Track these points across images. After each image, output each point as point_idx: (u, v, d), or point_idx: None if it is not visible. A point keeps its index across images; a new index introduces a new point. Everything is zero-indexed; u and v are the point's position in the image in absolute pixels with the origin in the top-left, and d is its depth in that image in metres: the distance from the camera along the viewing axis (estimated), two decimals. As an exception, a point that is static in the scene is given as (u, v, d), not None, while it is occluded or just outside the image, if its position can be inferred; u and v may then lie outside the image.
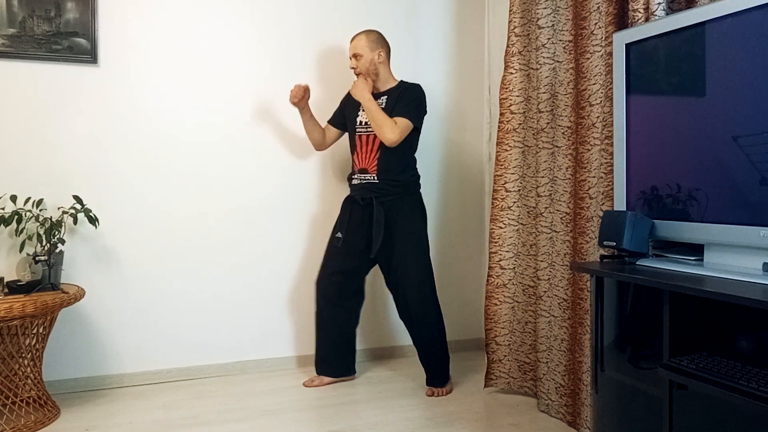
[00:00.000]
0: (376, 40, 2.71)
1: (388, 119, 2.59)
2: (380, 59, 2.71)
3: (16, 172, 2.62)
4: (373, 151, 2.69)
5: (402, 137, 2.60)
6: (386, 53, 2.73)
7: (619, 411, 1.64)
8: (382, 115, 2.60)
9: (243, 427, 2.32)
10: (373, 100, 2.63)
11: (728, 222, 1.52)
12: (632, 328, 1.60)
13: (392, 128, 2.58)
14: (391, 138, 2.58)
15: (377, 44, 2.70)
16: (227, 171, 2.95)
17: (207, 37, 2.90)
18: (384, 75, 2.73)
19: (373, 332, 3.24)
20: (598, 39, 2.18)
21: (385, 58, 2.73)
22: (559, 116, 2.39)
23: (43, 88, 2.65)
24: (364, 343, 3.21)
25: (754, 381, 1.24)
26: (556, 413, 2.40)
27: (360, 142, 2.73)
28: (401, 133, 2.60)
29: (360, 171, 2.72)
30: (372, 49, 2.69)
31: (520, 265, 2.61)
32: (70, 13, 2.65)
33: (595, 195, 2.20)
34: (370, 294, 3.18)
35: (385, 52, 2.73)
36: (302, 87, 2.73)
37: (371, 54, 2.69)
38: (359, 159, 2.73)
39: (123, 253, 2.78)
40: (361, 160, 2.72)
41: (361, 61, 2.69)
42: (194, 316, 2.90)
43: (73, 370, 2.72)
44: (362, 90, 2.65)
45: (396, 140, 2.58)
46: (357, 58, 2.70)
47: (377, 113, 2.60)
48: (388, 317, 3.25)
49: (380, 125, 2.59)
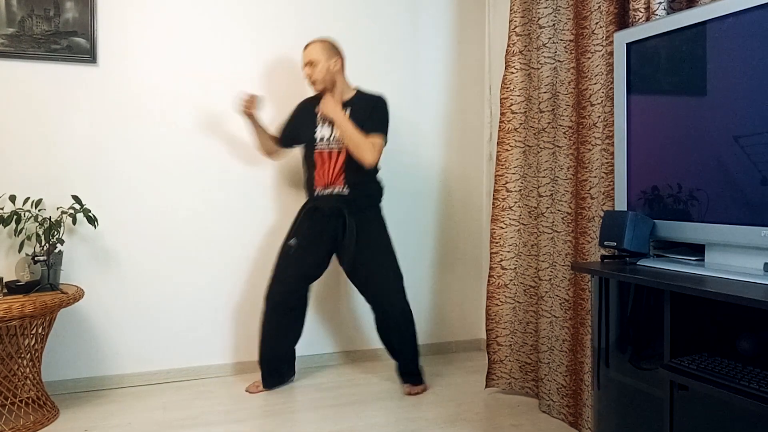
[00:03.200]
0: (331, 47, 2.63)
1: (365, 140, 2.53)
2: (336, 67, 2.62)
3: (15, 171, 2.62)
4: (336, 167, 2.62)
5: (380, 156, 2.58)
6: (342, 62, 2.66)
7: (621, 411, 1.64)
8: (359, 137, 2.53)
9: (242, 427, 2.32)
10: (347, 121, 2.55)
11: (729, 222, 1.52)
12: (633, 328, 1.60)
13: (371, 150, 2.53)
14: (370, 160, 2.53)
15: (333, 52, 2.63)
16: (227, 171, 2.94)
17: (206, 37, 2.90)
18: (341, 84, 2.66)
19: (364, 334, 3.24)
20: (599, 38, 2.17)
21: (341, 67, 2.65)
22: (560, 116, 2.38)
23: (42, 88, 2.65)
24: (358, 345, 3.21)
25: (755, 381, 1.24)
26: (558, 414, 2.40)
27: (321, 158, 2.64)
28: (379, 153, 2.56)
29: (324, 186, 2.64)
30: (328, 57, 2.61)
31: (522, 266, 2.61)
32: (69, 12, 2.65)
33: (596, 195, 2.19)
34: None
35: (341, 61, 2.65)
36: (252, 96, 2.63)
37: (327, 62, 2.60)
38: (321, 175, 2.64)
39: (122, 253, 2.78)
40: (324, 176, 2.64)
41: (317, 68, 2.60)
42: (193, 317, 2.90)
43: (73, 371, 2.71)
44: (335, 109, 2.56)
45: (375, 161, 2.55)
46: (312, 66, 2.62)
47: (354, 134, 2.53)
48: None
49: (359, 147, 2.53)
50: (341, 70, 2.66)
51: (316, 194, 2.67)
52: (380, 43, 3.18)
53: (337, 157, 2.62)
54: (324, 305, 3.14)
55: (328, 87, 2.64)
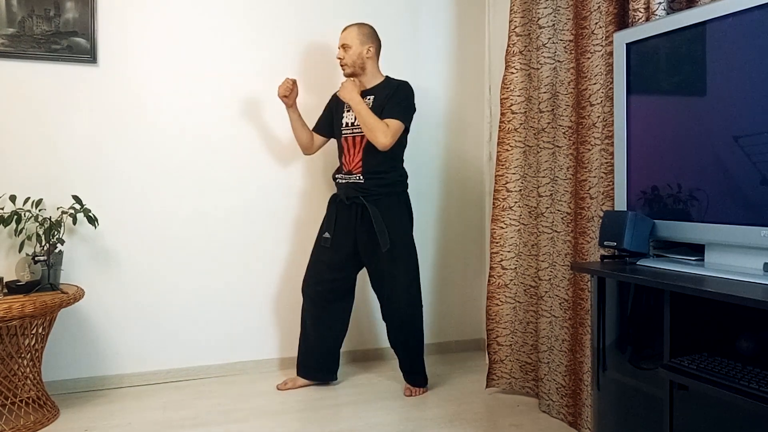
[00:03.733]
0: (367, 33, 2.65)
1: (379, 122, 2.53)
2: (369, 54, 2.64)
3: (15, 172, 2.62)
4: (358, 152, 2.64)
5: (395, 140, 2.55)
6: (376, 49, 2.67)
7: (620, 411, 1.64)
8: (374, 119, 2.53)
9: (242, 427, 2.32)
10: (363, 103, 2.57)
11: (729, 222, 1.52)
12: (633, 328, 1.60)
13: (385, 132, 2.52)
14: (384, 142, 2.52)
15: (368, 38, 2.64)
16: (227, 171, 2.94)
17: (206, 36, 2.90)
18: (371, 71, 2.67)
19: (363, 334, 3.24)
20: (599, 38, 2.17)
21: (374, 54, 2.66)
22: (560, 116, 2.38)
23: (43, 88, 2.65)
24: (357, 345, 3.21)
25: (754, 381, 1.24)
26: (557, 414, 2.40)
27: (346, 144, 2.68)
28: (393, 136, 2.54)
29: (346, 172, 2.67)
30: (362, 42, 2.63)
31: (522, 266, 2.61)
32: (70, 12, 2.65)
33: (595, 195, 2.19)
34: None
35: (375, 48, 2.66)
36: (291, 80, 2.68)
37: (361, 47, 2.62)
38: (346, 161, 2.68)
39: (122, 253, 2.78)
40: (348, 162, 2.67)
41: (349, 52, 2.63)
42: (194, 317, 2.90)
43: (73, 371, 2.71)
44: (351, 92, 2.58)
45: (389, 144, 2.54)
46: (345, 49, 2.64)
47: (368, 117, 2.54)
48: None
49: (372, 129, 2.53)
50: (374, 58, 2.68)
51: (338, 182, 2.71)
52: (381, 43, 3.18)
53: (360, 143, 2.64)
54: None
55: (357, 72, 2.66)
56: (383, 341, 3.24)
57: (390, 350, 3.21)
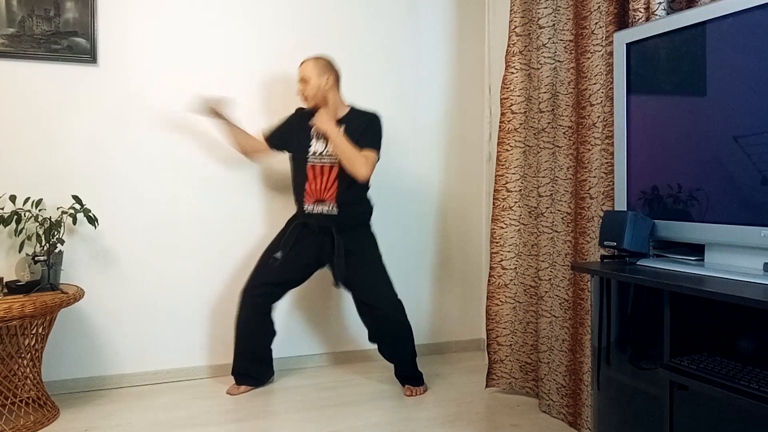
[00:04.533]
0: (324, 66, 2.65)
1: (359, 154, 2.54)
2: (327, 85, 2.64)
3: (15, 171, 2.62)
4: (329, 182, 2.63)
5: (372, 171, 2.59)
6: (335, 79, 2.67)
7: (620, 411, 1.64)
8: (353, 151, 2.54)
9: (242, 427, 2.32)
10: (341, 135, 2.56)
11: (729, 222, 1.52)
12: (633, 328, 1.60)
13: (364, 164, 2.54)
14: (364, 173, 2.54)
15: (325, 70, 2.65)
16: (227, 170, 2.94)
17: (206, 36, 2.90)
18: (333, 101, 2.67)
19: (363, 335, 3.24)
20: (599, 38, 2.17)
21: (333, 84, 2.66)
22: (560, 116, 2.38)
23: (42, 88, 2.65)
24: (357, 346, 3.21)
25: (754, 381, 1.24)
26: (557, 414, 2.40)
27: (313, 172, 2.64)
28: (372, 167, 2.57)
29: (316, 202, 2.64)
30: (319, 74, 2.63)
31: (522, 266, 2.61)
32: (70, 12, 2.65)
33: (595, 195, 2.19)
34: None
35: (334, 78, 2.66)
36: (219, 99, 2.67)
37: (318, 80, 2.63)
38: (313, 189, 2.65)
39: (122, 253, 2.78)
40: (316, 191, 2.64)
41: (309, 85, 2.63)
42: (194, 317, 2.90)
43: (73, 371, 2.71)
44: (328, 123, 2.58)
45: (369, 175, 2.56)
46: (304, 83, 2.65)
47: (348, 149, 2.54)
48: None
49: (352, 161, 2.53)
50: (334, 87, 2.67)
51: (305, 210, 2.66)
52: (380, 43, 3.18)
53: (330, 173, 2.63)
54: (323, 306, 3.14)
55: (320, 103, 2.66)
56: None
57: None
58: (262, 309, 2.68)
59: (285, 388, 2.75)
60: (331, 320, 3.16)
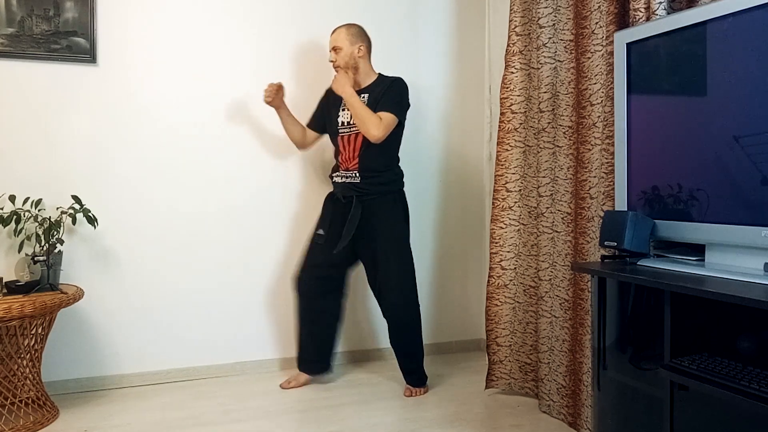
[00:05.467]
0: (356, 33, 2.67)
1: (372, 115, 2.55)
2: (360, 53, 2.66)
3: (14, 172, 2.62)
4: (355, 150, 2.65)
5: (387, 133, 2.57)
6: (366, 47, 2.69)
7: (620, 412, 1.63)
8: (366, 111, 2.56)
9: (242, 427, 2.32)
10: (355, 95, 2.59)
11: (729, 222, 1.52)
12: (633, 328, 1.59)
13: (377, 124, 2.54)
14: (376, 134, 2.54)
15: (357, 38, 2.66)
16: (227, 170, 2.94)
17: (205, 36, 2.90)
18: (364, 69, 2.69)
19: (363, 335, 3.24)
20: (599, 38, 2.17)
21: (365, 52, 2.68)
22: (560, 116, 2.38)
23: (42, 88, 2.65)
24: (357, 345, 3.20)
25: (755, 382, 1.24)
26: (557, 414, 2.39)
27: (342, 142, 2.69)
28: (386, 128, 2.56)
29: (343, 170, 2.69)
30: (352, 42, 2.65)
31: (521, 266, 2.60)
32: (69, 12, 2.65)
33: (596, 195, 2.19)
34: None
35: (366, 47, 2.68)
36: (275, 85, 2.70)
37: (351, 47, 2.65)
38: (343, 159, 2.69)
39: (122, 253, 2.78)
40: (345, 160, 2.68)
41: (341, 54, 2.65)
42: (193, 317, 2.90)
43: (72, 371, 2.71)
44: (344, 84, 2.60)
45: (381, 136, 2.55)
46: (336, 51, 2.66)
47: (361, 108, 2.56)
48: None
49: (364, 121, 2.55)
50: (365, 56, 2.69)
51: (334, 180, 2.72)
52: (380, 43, 3.18)
53: (355, 141, 2.65)
54: (324, 305, 3.14)
55: (351, 72, 2.68)
56: (383, 341, 3.23)
57: (390, 350, 3.20)
58: (318, 291, 2.69)
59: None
60: (331, 320, 3.15)
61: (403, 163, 2.77)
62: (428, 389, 2.74)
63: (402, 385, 2.76)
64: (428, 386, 2.76)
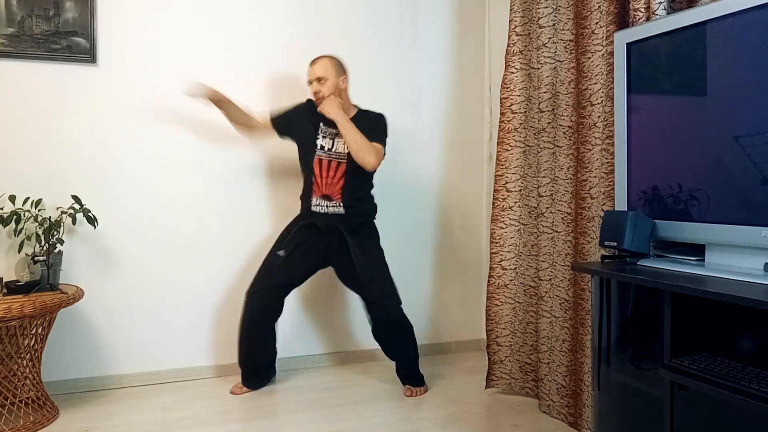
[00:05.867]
0: (339, 64, 2.65)
1: (369, 143, 2.54)
2: (344, 84, 2.65)
3: (14, 171, 2.61)
4: (336, 178, 2.62)
5: (380, 163, 2.58)
6: (347, 79, 2.69)
7: (621, 412, 1.63)
8: (363, 139, 2.53)
9: (242, 427, 2.32)
10: (350, 121, 2.55)
11: (729, 222, 1.52)
12: (633, 328, 1.59)
13: (375, 153, 2.53)
14: (373, 163, 2.53)
15: (341, 69, 2.65)
16: (226, 171, 2.94)
17: (205, 36, 2.90)
18: (346, 102, 2.67)
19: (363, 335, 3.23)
20: (599, 38, 2.17)
21: (347, 84, 2.68)
22: (560, 116, 2.38)
23: (42, 88, 2.65)
24: (357, 346, 3.20)
25: (755, 382, 1.24)
26: (558, 414, 2.39)
27: (320, 167, 2.63)
28: (381, 159, 2.58)
29: (322, 197, 2.63)
30: (337, 73, 2.63)
31: (522, 266, 2.60)
32: (69, 12, 2.65)
33: (596, 195, 2.19)
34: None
35: (347, 78, 2.68)
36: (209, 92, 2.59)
37: (336, 78, 2.62)
38: (319, 184, 2.63)
39: (122, 253, 2.78)
40: (323, 186, 2.63)
41: (327, 84, 2.60)
42: (193, 317, 2.89)
43: (72, 371, 2.71)
44: (336, 109, 2.56)
45: (377, 165, 2.56)
46: (321, 82, 2.61)
47: (358, 135, 2.52)
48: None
49: (363, 149, 2.52)
50: (347, 88, 2.69)
51: (312, 207, 2.64)
52: (380, 43, 3.18)
53: (337, 169, 2.63)
54: (324, 306, 3.14)
55: None
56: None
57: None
58: (267, 309, 2.64)
59: (285, 388, 2.75)
60: (331, 321, 3.16)
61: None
62: (428, 389, 2.74)
63: (402, 385, 2.76)
64: (428, 386, 2.77)
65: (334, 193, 2.62)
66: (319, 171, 2.64)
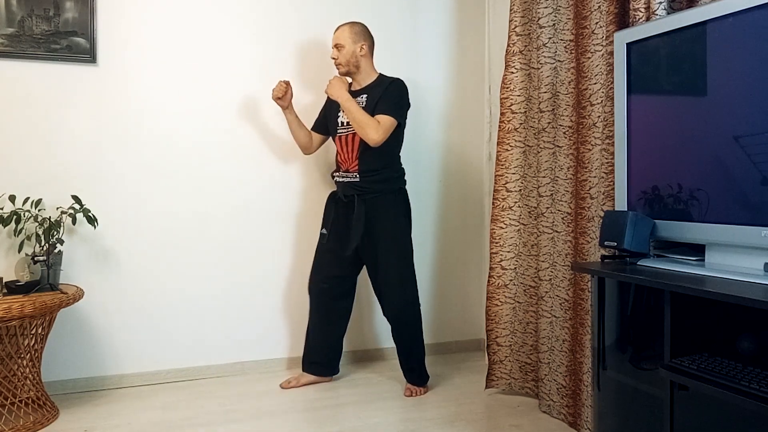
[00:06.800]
0: (359, 32, 2.66)
1: (370, 119, 2.54)
2: (362, 52, 2.65)
3: (14, 171, 2.62)
4: (353, 151, 2.65)
5: (386, 136, 2.56)
6: (369, 47, 2.68)
7: (621, 412, 1.63)
8: (363, 115, 2.54)
9: (242, 427, 2.32)
10: (351, 100, 2.58)
11: (729, 222, 1.52)
12: (633, 328, 1.59)
13: (375, 128, 2.53)
14: (375, 138, 2.53)
15: (360, 36, 2.66)
16: (226, 171, 2.94)
17: (205, 37, 2.90)
18: (365, 69, 2.68)
19: (363, 334, 3.24)
20: (599, 38, 2.17)
21: (368, 52, 2.67)
22: (560, 116, 2.38)
23: (42, 88, 2.65)
24: (358, 345, 3.20)
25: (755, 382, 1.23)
26: (558, 414, 2.39)
27: (341, 142, 2.69)
28: (385, 132, 2.55)
29: (344, 170, 2.69)
30: (354, 40, 2.64)
31: (522, 266, 2.60)
32: (69, 12, 2.65)
33: (596, 195, 2.19)
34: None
35: (368, 46, 2.68)
36: (284, 82, 2.70)
37: (353, 46, 2.64)
38: (342, 159, 2.70)
39: (122, 253, 2.78)
40: (344, 160, 2.69)
41: (343, 52, 2.64)
42: (193, 317, 2.89)
43: (72, 371, 2.71)
44: (339, 90, 2.60)
45: (380, 140, 2.54)
46: (339, 49, 2.65)
47: (357, 113, 2.55)
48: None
49: (362, 126, 2.54)
50: (367, 55, 2.68)
51: (336, 180, 2.74)
52: (380, 43, 3.18)
53: (353, 141, 2.66)
54: (324, 305, 3.14)
55: (352, 71, 2.68)
56: (383, 341, 3.24)
57: (390, 350, 3.21)
58: (328, 294, 2.73)
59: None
60: (331, 320, 3.15)
61: (403, 163, 2.77)
62: (428, 389, 2.74)
63: (402, 385, 2.76)
64: (428, 386, 2.76)
65: (351, 165, 2.66)
66: (341, 147, 2.70)
